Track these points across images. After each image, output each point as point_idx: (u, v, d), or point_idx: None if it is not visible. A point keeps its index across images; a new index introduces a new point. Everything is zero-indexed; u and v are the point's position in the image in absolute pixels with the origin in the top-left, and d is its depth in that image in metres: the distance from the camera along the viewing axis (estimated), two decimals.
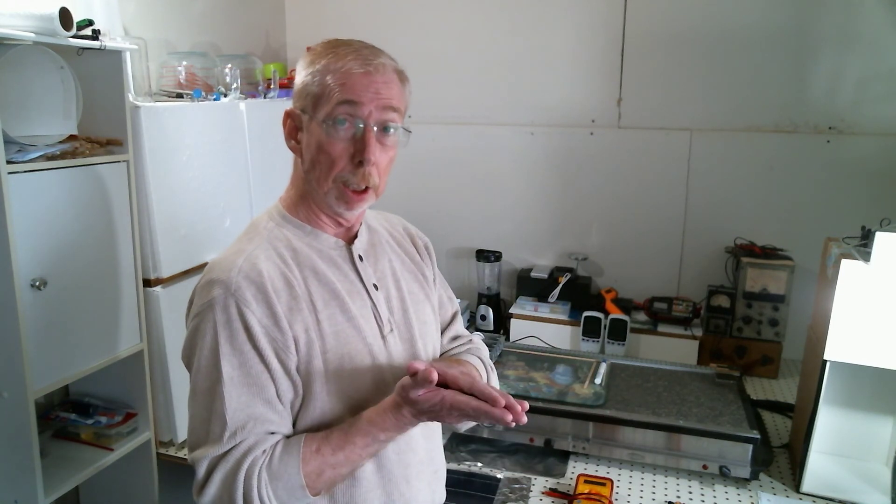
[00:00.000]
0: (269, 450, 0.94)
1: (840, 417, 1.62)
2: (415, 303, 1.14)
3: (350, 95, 0.97)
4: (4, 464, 1.46)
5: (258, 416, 0.94)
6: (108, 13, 1.78)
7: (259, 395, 0.94)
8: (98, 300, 1.60)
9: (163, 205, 1.73)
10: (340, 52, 1.00)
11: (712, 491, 1.55)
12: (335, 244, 1.07)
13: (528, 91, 2.55)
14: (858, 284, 1.42)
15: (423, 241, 1.24)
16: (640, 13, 2.38)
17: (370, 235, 1.14)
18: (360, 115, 0.98)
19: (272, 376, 0.95)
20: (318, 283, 1.02)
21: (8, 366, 1.40)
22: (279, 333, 0.95)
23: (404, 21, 2.62)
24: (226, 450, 0.92)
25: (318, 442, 0.95)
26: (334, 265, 1.05)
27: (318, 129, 1.00)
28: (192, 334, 0.97)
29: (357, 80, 0.98)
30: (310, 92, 1.00)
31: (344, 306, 1.02)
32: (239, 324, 0.94)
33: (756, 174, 2.35)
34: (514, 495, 1.53)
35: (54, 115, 1.54)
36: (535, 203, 2.61)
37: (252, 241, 1.03)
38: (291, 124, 1.05)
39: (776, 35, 2.26)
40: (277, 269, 0.99)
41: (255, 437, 0.94)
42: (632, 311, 2.39)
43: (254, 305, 0.94)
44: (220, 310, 0.94)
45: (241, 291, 0.94)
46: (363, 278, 1.07)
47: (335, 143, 0.99)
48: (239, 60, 2.21)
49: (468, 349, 1.23)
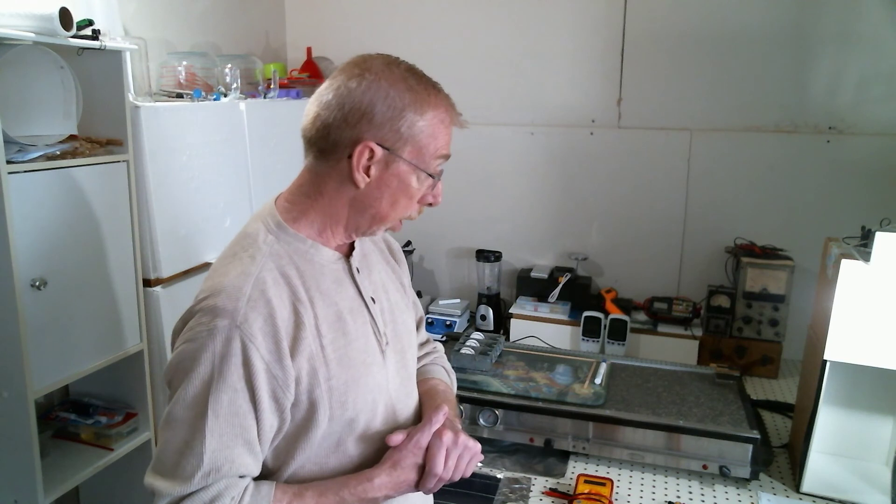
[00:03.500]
0: (237, 496, 0.89)
1: (840, 417, 1.62)
2: (400, 313, 1.12)
3: (447, 150, 1.01)
4: (4, 464, 1.46)
5: (234, 459, 0.88)
6: (108, 13, 1.78)
7: (241, 436, 0.89)
8: (98, 300, 1.60)
9: (163, 205, 1.73)
10: (439, 98, 0.98)
11: (712, 491, 1.55)
12: (335, 258, 1.02)
13: (528, 91, 2.55)
14: (858, 284, 1.42)
15: (395, 245, 1.22)
16: (640, 13, 2.38)
17: (362, 245, 1.10)
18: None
19: (258, 416, 0.89)
20: (323, 304, 0.97)
21: (8, 366, 1.40)
22: (281, 371, 0.90)
23: (404, 21, 2.62)
24: (194, 490, 0.86)
25: (289, 497, 0.92)
26: (336, 282, 1.01)
27: (410, 176, 0.97)
28: (185, 357, 0.89)
29: (449, 134, 1.00)
30: (412, 137, 0.95)
31: (345, 328, 0.98)
32: (239, 359, 0.87)
33: (756, 174, 2.35)
34: (514, 495, 1.53)
35: (54, 115, 1.54)
36: (535, 203, 2.61)
37: (255, 261, 0.94)
38: (369, 157, 0.94)
39: (776, 35, 2.26)
40: (284, 295, 0.93)
41: (227, 481, 0.88)
42: (632, 311, 2.39)
43: (259, 340, 0.88)
44: (222, 341, 0.87)
45: (247, 325, 0.88)
46: (362, 292, 1.03)
47: (420, 190, 1.00)
48: (239, 60, 2.21)
49: (433, 360, 1.25)
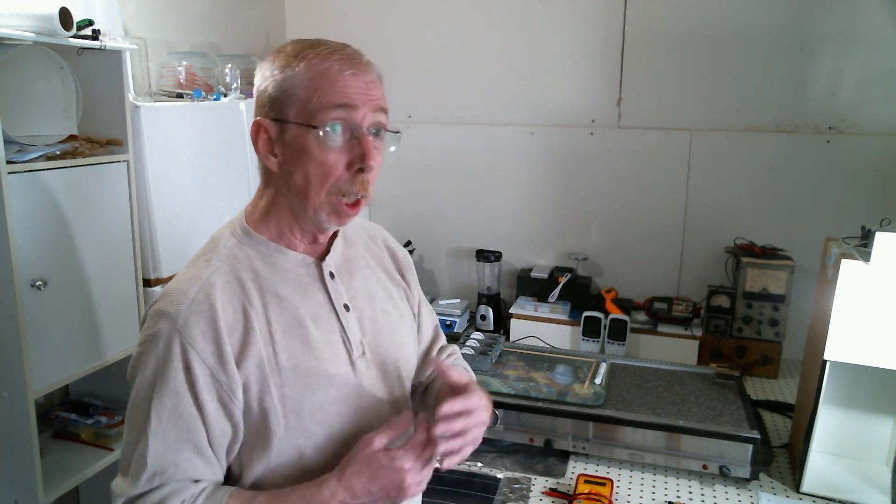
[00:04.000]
0: (188, 500, 0.88)
1: (840, 417, 1.62)
2: (389, 323, 1.06)
3: (344, 99, 0.88)
4: (4, 464, 1.46)
5: (181, 463, 0.88)
6: (108, 13, 1.78)
7: (188, 440, 0.88)
8: (98, 300, 1.60)
9: (163, 205, 1.73)
10: (321, 52, 0.90)
11: (712, 491, 1.55)
12: (302, 262, 0.98)
13: (528, 91, 2.55)
14: (858, 284, 1.42)
15: (403, 255, 1.16)
16: (640, 13, 2.38)
17: (346, 249, 1.05)
18: (354, 119, 0.90)
19: (205, 420, 0.88)
20: (279, 310, 0.93)
21: (8, 366, 1.40)
22: (224, 375, 0.88)
23: (404, 21, 2.62)
24: (142, 492, 0.88)
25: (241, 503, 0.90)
26: (300, 287, 0.97)
27: (304, 137, 0.89)
28: (133, 361, 0.91)
29: (348, 82, 0.89)
30: (290, 97, 0.90)
31: (306, 335, 0.94)
32: (180, 362, 0.87)
33: (756, 174, 2.35)
34: (514, 495, 1.53)
35: (54, 115, 1.54)
36: (535, 203, 2.61)
37: (209, 265, 0.94)
38: (266, 137, 0.93)
39: (776, 35, 2.26)
40: (234, 299, 0.92)
41: (176, 483, 0.88)
42: (632, 311, 2.39)
43: (200, 344, 0.87)
44: (163, 345, 0.87)
45: (187, 328, 0.87)
46: (332, 299, 0.98)
47: (329, 151, 0.89)
48: (239, 60, 2.21)
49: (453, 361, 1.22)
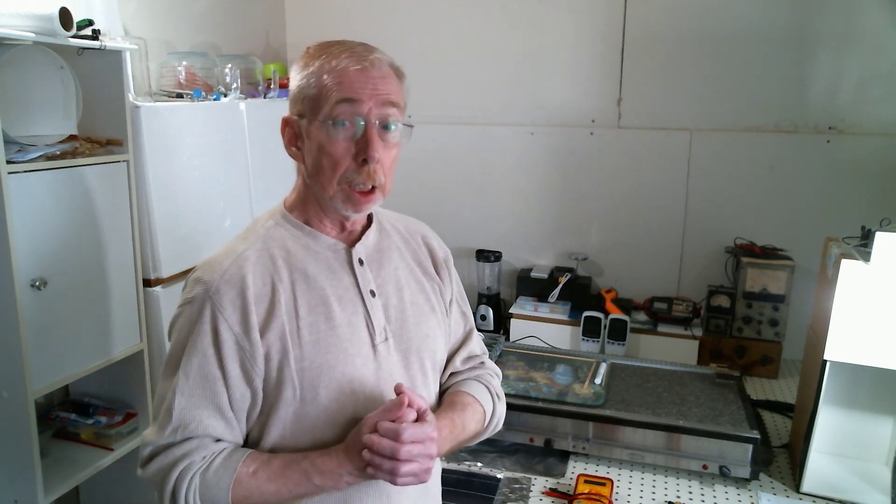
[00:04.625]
0: (209, 457, 0.95)
1: (840, 417, 1.61)
2: (417, 314, 1.09)
3: (348, 93, 0.96)
4: (4, 464, 1.46)
5: (204, 419, 0.95)
6: (108, 13, 1.78)
7: (210, 399, 0.95)
8: (98, 300, 1.60)
9: (163, 205, 1.73)
10: (334, 51, 0.98)
11: (712, 491, 1.55)
12: (333, 246, 1.05)
13: (528, 91, 2.55)
14: (858, 284, 1.42)
15: (442, 254, 1.19)
16: (640, 13, 2.38)
17: (380, 239, 1.11)
18: (359, 113, 0.96)
19: (227, 383, 0.95)
20: (306, 287, 1.00)
21: (8, 366, 1.40)
22: (248, 343, 0.95)
23: (404, 21, 2.62)
24: (167, 443, 0.95)
25: (258, 464, 0.95)
26: (329, 269, 1.03)
27: (318, 131, 0.98)
28: (171, 322, 1.01)
29: (353, 78, 0.96)
30: (307, 95, 0.99)
31: (329, 314, 1.00)
32: (209, 326, 0.95)
33: (756, 174, 2.35)
34: (514, 495, 1.53)
35: (54, 115, 1.54)
36: (535, 203, 2.61)
37: (246, 241, 1.02)
38: (290, 131, 1.03)
39: (776, 35, 2.26)
40: (265, 273, 0.99)
41: (199, 440, 0.95)
42: (632, 311, 2.39)
43: (228, 311, 0.95)
44: (196, 310, 0.96)
45: (218, 296, 0.95)
46: (359, 283, 1.04)
47: (337, 143, 0.97)
48: (239, 60, 2.21)
49: (476, 376, 1.18)
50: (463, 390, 1.14)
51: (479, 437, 1.17)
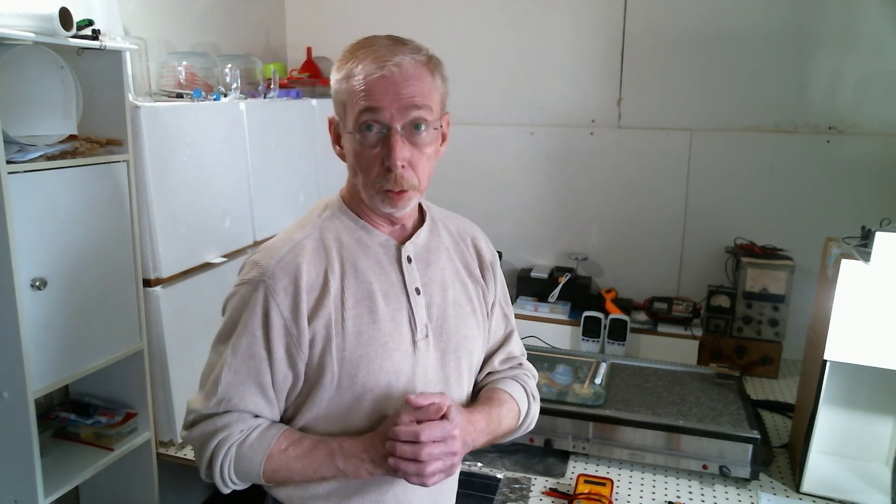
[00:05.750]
0: (246, 430, 1.00)
1: (840, 417, 1.61)
2: (458, 314, 1.11)
3: (369, 102, 0.97)
4: (4, 464, 1.46)
5: (246, 396, 1.00)
6: (108, 13, 1.78)
7: (254, 378, 1.00)
8: (98, 300, 1.60)
9: (163, 205, 1.73)
10: (360, 55, 0.99)
11: (712, 491, 1.55)
12: (385, 242, 1.08)
13: (528, 91, 2.55)
14: (858, 284, 1.42)
15: (490, 256, 1.21)
16: (640, 13, 2.38)
17: (430, 238, 1.13)
18: (382, 120, 0.98)
19: (272, 365, 1.00)
20: (355, 280, 1.03)
21: (8, 366, 1.40)
22: (296, 329, 0.99)
23: (404, 21, 2.62)
24: (210, 412, 1.00)
25: (289, 441, 1.00)
26: (378, 264, 1.06)
27: (350, 137, 1.01)
28: (227, 299, 1.04)
29: (375, 85, 0.97)
30: (338, 100, 1.02)
31: (373, 307, 1.03)
32: (261, 309, 0.99)
33: (756, 174, 2.35)
34: (514, 495, 1.53)
35: (54, 115, 1.54)
36: (535, 203, 2.61)
37: (303, 229, 1.06)
38: (334, 131, 1.07)
39: (776, 35, 2.26)
40: (319, 263, 1.02)
41: (239, 414, 1.00)
42: (632, 311, 2.39)
43: (281, 296, 0.99)
44: (250, 291, 1.00)
45: (273, 280, 0.99)
46: (406, 281, 1.06)
47: (366, 150, 0.99)
48: (239, 60, 2.21)
49: (514, 375, 1.20)
50: (500, 387, 1.16)
51: (513, 434, 1.19)
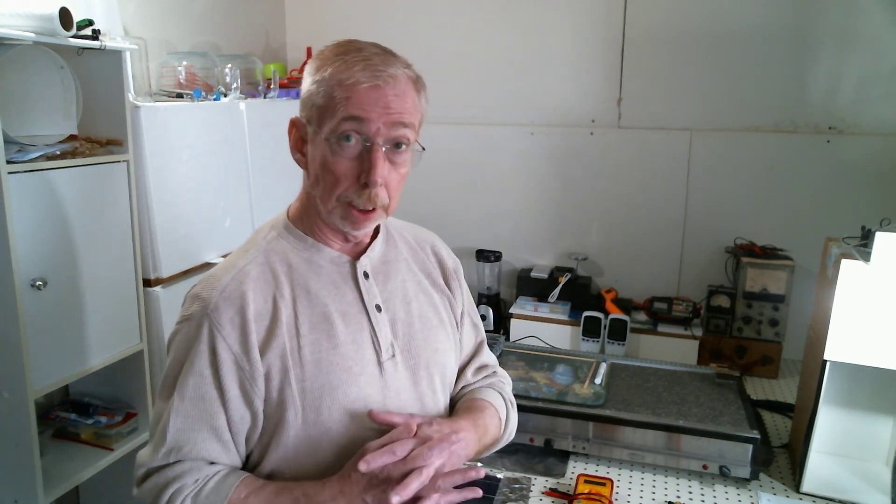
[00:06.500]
0: (202, 480, 0.91)
1: (840, 417, 1.61)
2: (426, 328, 1.05)
3: (356, 111, 0.89)
4: (4, 464, 1.46)
5: (198, 442, 0.92)
6: (108, 13, 1.78)
7: (206, 421, 0.92)
8: (98, 300, 1.60)
9: (163, 205, 1.73)
10: (350, 59, 0.90)
11: (712, 491, 1.55)
12: (337, 259, 1.00)
13: (528, 91, 2.55)
14: (858, 284, 1.42)
15: (452, 264, 1.15)
16: (640, 13, 2.38)
17: (387, 251, 1.06)
18: (366, 132, 0.90)
19: (225, 405, 0.92)
20: (308, 304, 0.96)
21: (8, 366, 1.40)
22: (248, 363, 0.91)
23: (404, 21, 2.62)
24: (160, 464, 0.92)
25: (250, 490, 0.91)
26: (332, 284, 0.98)
27: (322, 144, 0.92)
28: (169, 340, 0.97)
29: (364, 94, 0.89)
30: (315, 103, 0.92)
31: (331, 331, 0.96)
32: (206, 346, 0.91)
33: (756, 174, 2.35)
34: (514, 495, 1.53)
35: (54, 115, 1.54)
36: (535, 203, 2.61)
37: (247, 254, 0.98)
38: (297, 135, 0.97)
39: (776, 35, 2.26)
40: (266, 289, 0.95)
41: (191, 462, 0.92)
42: (632, 311, 2.39)
43: (227, 330, 0.91)
44: (193, 327, 0.92)
45: (217, 313, 0.91)
46: (364, 298, 0.99)
47: (340, 161, 0.91)
48: (239, 60, 2.21)
49: (489, 384, 1.16)
50: (477, 396, 1.11)
51: (497, 444, 1.14)
